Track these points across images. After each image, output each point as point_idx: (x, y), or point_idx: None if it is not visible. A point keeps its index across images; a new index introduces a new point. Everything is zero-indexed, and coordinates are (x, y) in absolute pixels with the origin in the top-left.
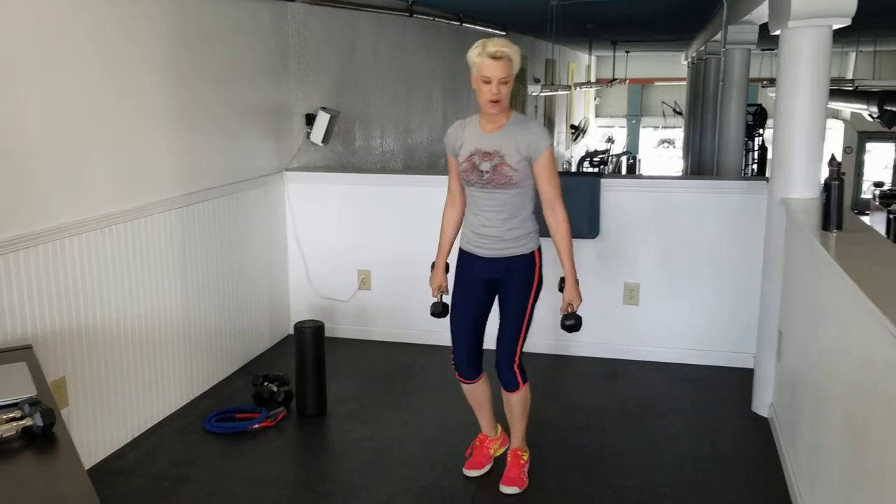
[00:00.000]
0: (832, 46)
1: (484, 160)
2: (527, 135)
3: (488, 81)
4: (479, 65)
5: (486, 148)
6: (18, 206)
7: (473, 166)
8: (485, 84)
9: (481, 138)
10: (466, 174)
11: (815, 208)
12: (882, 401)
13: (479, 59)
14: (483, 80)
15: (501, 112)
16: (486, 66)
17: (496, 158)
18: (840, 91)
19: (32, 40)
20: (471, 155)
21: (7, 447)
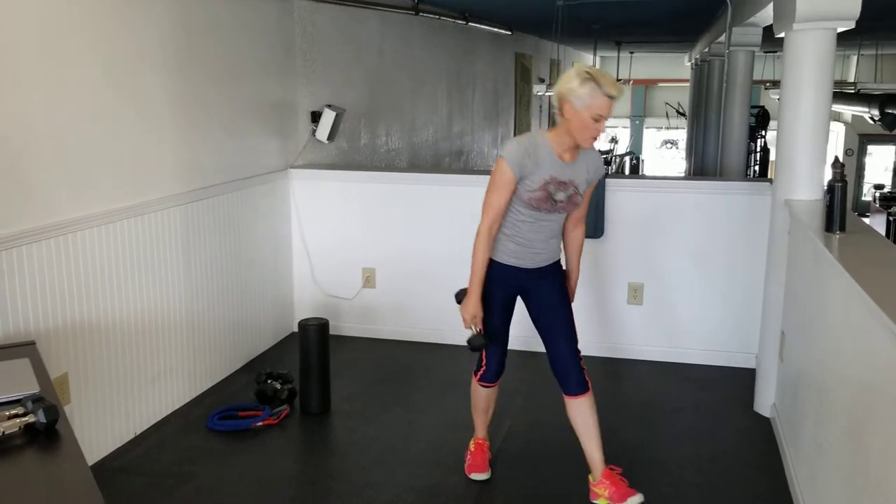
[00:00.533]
0: None
1: (559, 189)
2: (594, 160)
3: (599, 120)
4: (592, 103)
5: (562, 177)
6: (23, 202)
7: (548, 196)
8: (594, 122)
9: (558, 167)
10: (537, 202)
11: (819, 210)
12: (884, 401)
13: (589, 97)
14: (594, 118)
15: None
16: (601, 104)
17: (571, 188)
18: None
19: (38, 38)
20: (546, 183)
21: (10, 444)
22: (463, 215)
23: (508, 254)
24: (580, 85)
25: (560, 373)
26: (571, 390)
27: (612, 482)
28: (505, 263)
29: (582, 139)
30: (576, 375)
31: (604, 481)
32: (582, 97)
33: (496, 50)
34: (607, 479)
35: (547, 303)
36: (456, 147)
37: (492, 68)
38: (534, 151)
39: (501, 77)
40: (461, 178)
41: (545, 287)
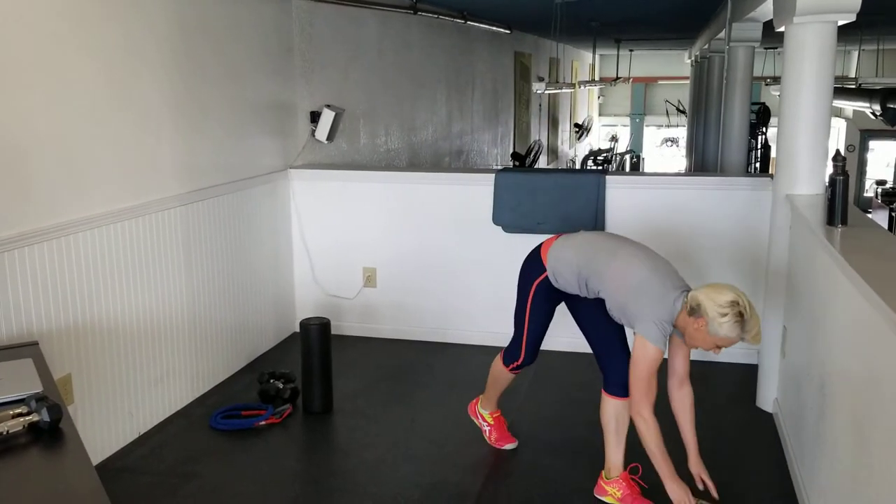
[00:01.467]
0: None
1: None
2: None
3: (720, 347)
4: (725, 336)
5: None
6: (25, 204)
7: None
8: (715, 346)
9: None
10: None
11: (820, 204)
12: (887, 396)
13: (730, 333)
14: (717, 344)
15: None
16: (733, 340)
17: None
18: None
19: (38, 40)
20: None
21: (14, 443)
22: (463, 214)
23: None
24: (723, 317)
25: (607, 370)
26: (615, 391)
27: (629, 485)
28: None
29: (692, 345)
30: (624, 377)
31: (620, 482)
32: (719, 329)
33: (495, 49)
34: (625, 481)
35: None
36: (455, 146)
37: (491, 67)
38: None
39: (501, 76)
40: (461, 176)
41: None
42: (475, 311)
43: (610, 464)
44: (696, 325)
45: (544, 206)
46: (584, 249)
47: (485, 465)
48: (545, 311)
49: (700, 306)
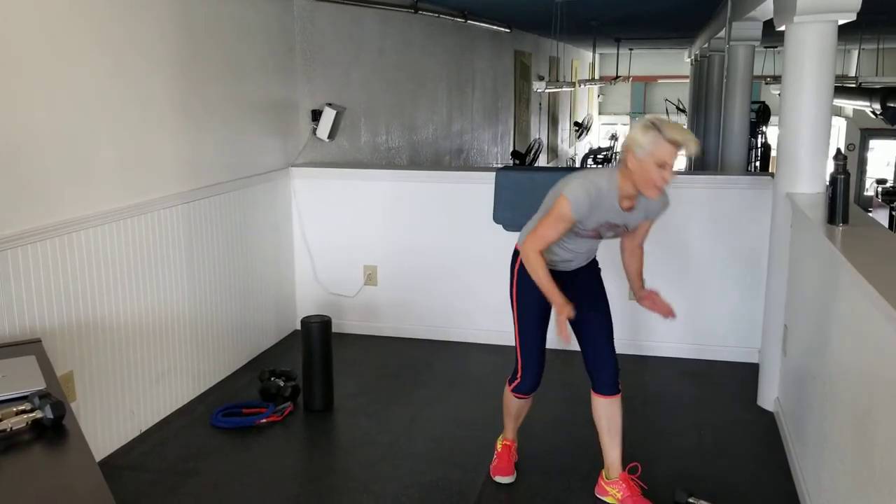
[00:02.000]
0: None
1: (610, 230)
2: (656, 203)
3: (664, 166)
4: (653, 149)
5: (616, 221)
6: (27, 202)
7: (598, 234)
8: (658, 168)
9: (616, 214)
10: (585, 233)
11: (821, 203)
12: (889, 393)
13: (652, 145)
14: (657, 164)
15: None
16: (666, 151)
17: (621, 229)
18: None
19: (40, 39)
20: (599, 226)
21: (17, 439)
22: (463, 212)
23: (549, 261)
24: (643, 134)
25: (594, 370)
26: (603, 390)
27: (629, 486)
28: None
29: (646, 188)
30: (611, 375)
31: (620, 483)
32: (643, 145)
33: (495, 48)
34: (624, 482)
35: (586, 298)
36: (456, 145)
37: (491, 66)
38: (598, 202)
39: (501, 75)
40: (462, 175)
41: (582, 283)
42: (476, 309)
43: (608, 463)
44: (633, 164)
45: None
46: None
47: (485, 464)
48: (534, 314)
49: (625, 145)
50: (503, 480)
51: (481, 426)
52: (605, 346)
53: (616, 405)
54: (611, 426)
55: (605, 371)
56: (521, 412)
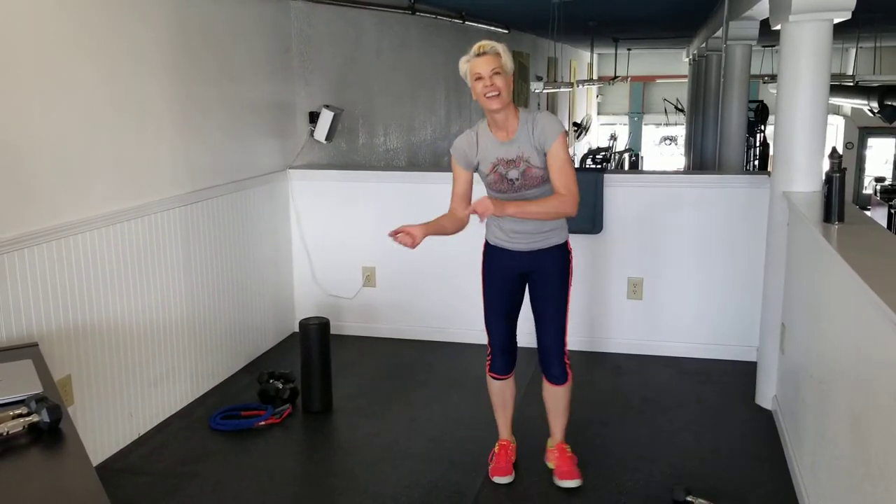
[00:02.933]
0: (833, 42)
1: (510, 168)
2: (536, 126)
3: (480, 77)
4: (468, 69)
5: (508, 156)
6: (24, 205)
7: (501, 177)
8: (478, 82)
9: (499, 147)
10: (495, 185)
11: (817, 201)
12: (885, 391)
13: (466, 65)
14: (475, 79)
15: (505, 109)
16: (474, 64)
17: (522, 164)
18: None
19: (36, 44)
20: (494, 166)
21: (14, 443)
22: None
23: (497, 238)
24: (460, 67)
25: (543, 361)
26: (551, 380)
27: (561, 455)
28: (494, 245)
29: (484, 103)
30: (557, 367)
31: (555, 451)
32: (464, 73)
33: None
34: (559, 451)
35: (543, 291)
36: None
37: None
38: (474, 140)
39: None
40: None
41: (543, 275)
42: (474, 309)
43: (553, 436)
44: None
45: None
46: None
47: (484, 464)
48: (494, 291)
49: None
50: (501, 481)
51: (480, 426)
52: (553, 342)
53: (561, 392)
54: (556, 408)
55: (551, 363)
56: (505, 401)
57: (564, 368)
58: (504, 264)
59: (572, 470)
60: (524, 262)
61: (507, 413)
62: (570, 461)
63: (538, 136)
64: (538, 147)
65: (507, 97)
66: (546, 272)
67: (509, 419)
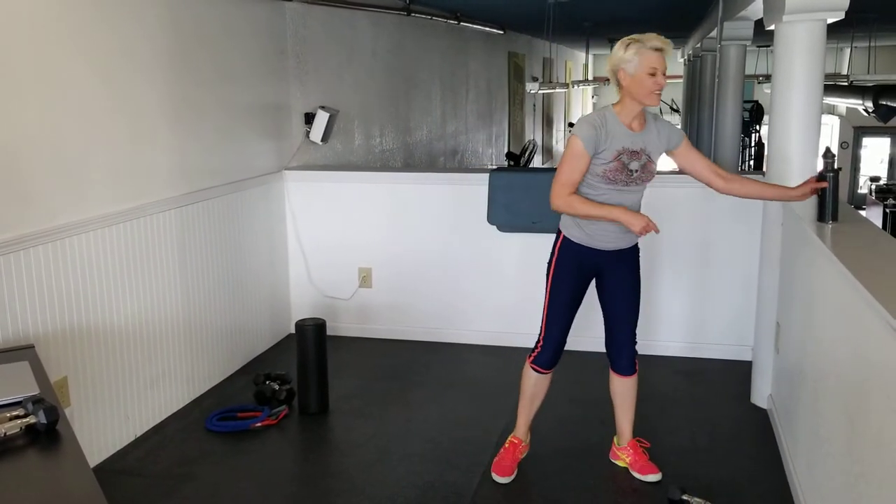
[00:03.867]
0: (827, 42)
1: (633, 159)
2: (664, 126)
3: (654, 73)
4: (639, 60)
5: (634, 147)
6: (20, 208)
7: (623, 166)
8: (650, 76)
9: (629, 137)
10: (613, 173)
11: (812, 201)
12: (878, 388)
13: (636, 56)
14: (649, 73)
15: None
16: (652, 58)
17: (644, 157)
18: (836, 86)
19: (33, 45)
20: (619, 154)
21: (11, 444)
22: (457, 214)
23: (589, 235)
24: (625, 50)
25: (614, 353)
26: (621, 371)
27: (636, 451)
28: (578, 243)
29: (645, 97)
30: (628, 359)
31: (628, 449)
32: (631, 59)
33: (489, 49)
34: (632, 448)
35: (619, 287)
36: (450, 147)
37: (485, 67)
38: (604, 125)
39: (495, 76)
40: (456, 176)
41: (620, 273)
42: (471, 310)
43: (620, 432)
44: (627, 81)
45: (539, 205)
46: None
47: (481, 465)
48: (566, 289)
49: (611, 71)
50: (499, 480)
51: (477, 427)
52: (626, 332)
53: (630, 384)
54: (623, 402)
55: (623, 355)
56: (535, 394)
57: (634, 359)
58: (582, 261)
59: (650, 464)
60: (603, 260)
61: (533, 409)
62: (645, 455)
63: (668, 136)
64: (662, 143)
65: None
66: (624, 271)
67: (531, 417)
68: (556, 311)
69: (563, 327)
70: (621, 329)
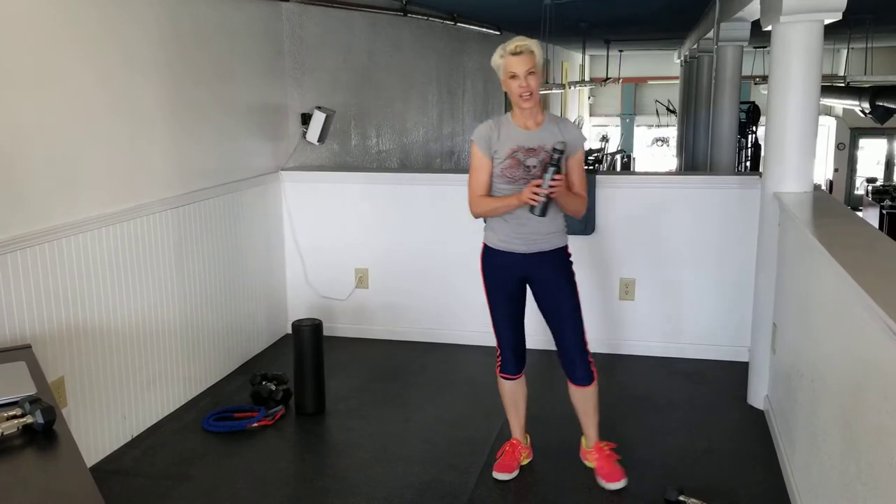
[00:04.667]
0: (824, 43)
1: (530, 156)
2: (569, 130)
3: (515, 76)
4: (503, 65)
5: (530, 144)
6: (16, 208)
7: (518, 162)
8: (513, 80)
9: (524, 135)
10: (510, 171)
11: (808, 202)
12: (873, 391)
13: (501, 60)
14: (510, 77)
15: (536, 107)
16: (510, 63)
17: (542, 153)
18: (832, 87)
19: (29, 45)
20: (513, 151)
21: (8, 444)
22: (453, 214)
23: (501, 240)
24: (494, 59)
25: (567, 365)
26: (577, 382)
27: (601, 456)
28: (499, 249)
29: (516, 101)
30: (582, 368)
31: (594, 452)
32: (498, 66)
33: (486, 50)
34: (597, 451)
35: (551, 297)
36: (447, 147)
37: (482, 68)
38: (497, 127)
39: (492, 76)
40: (451, 177)
41: (549, 279)
42: (467, 310)
43: (586, 436)
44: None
45: None
46: None
47: (478, 465)
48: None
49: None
50: (500, 477)
51: (474, 427)
52: (572, 342)
53: (589, 393)
54: (586, 409)
55: (576, 368)
56: (516, 401)
57: (589, 368)
58: (505, 267)
59: (616, 470)
60: (525, 264)
61: (520, 412)
62: (611, 461)
63: (567, 134)
64: (564, 139)
65: (538, 95)
66: (550, 275)
67: (522, 419)
68: (500, 321)
69: (513, 334)
70: (565, 338)
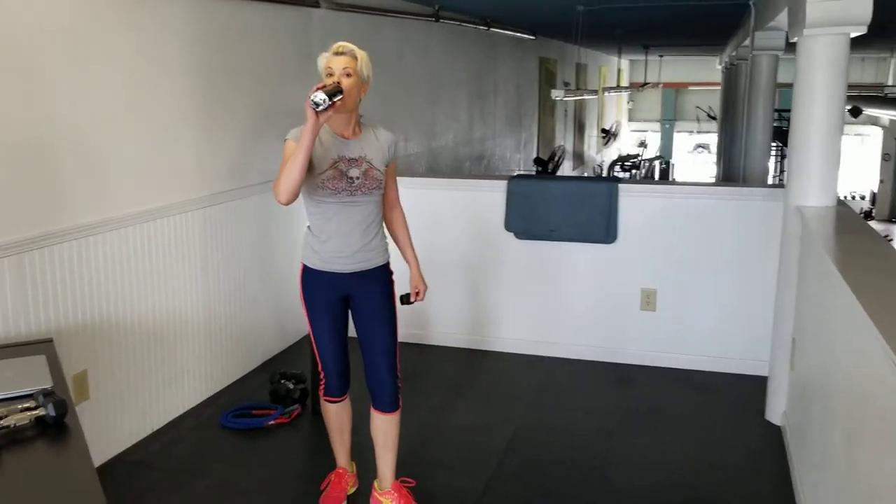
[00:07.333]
0: (868, 52)
1: (352, 166)
2: (386, 137)
3: (331, 74)
4: (323, 63)
5: (351, 154)
6: (46, 205)
7: (341, 173)
8: (328, 78)
9: (342, 145)
10: (332, 182)
11: (830, 216)
12: (873, 410)
13: (323, 60)
14: (327, 75)
15: (351, 113)
16: (329, 60)
17: (364, 164)
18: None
19: (63, 45)
20: (335, 162)
21: (21, 435)
22: (475, 220)
23: (320, 260)
24: (319, 60)
25: (373, 388)
26: (381, 407)
27: (401, 495)
28: (320, 270)
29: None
30: (389, 395)
31: (392, 493)
32: (320, 67)
33: (519, 54)
34: (396, 491)
35: (370, 315)
36: (477, 151)
37: (514, 73)
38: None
39: (525, 81)
40: (474, 183)
41: (368, 298)
42: (486, 316)
43: (381, 475)
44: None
45: (557, 214)
46: None
47: (488, 472)
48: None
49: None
50: None
51: (486, 434)
52: (383, 365)
53: (392, 421)
54: (386, 441)
55: (383, 391)
56: (341, 424)
57: (397, 394)
58: (326, 289)
59: None
60: (346, 284)
61: (345, 438)
62: (410, 498)
63: (388, 146)
64: (386, 155)
65: (352, 100)
66: (370, 294)
67: (347, 445)
68: (322, 343)
69: (336, 356)
70: (377, 361)
